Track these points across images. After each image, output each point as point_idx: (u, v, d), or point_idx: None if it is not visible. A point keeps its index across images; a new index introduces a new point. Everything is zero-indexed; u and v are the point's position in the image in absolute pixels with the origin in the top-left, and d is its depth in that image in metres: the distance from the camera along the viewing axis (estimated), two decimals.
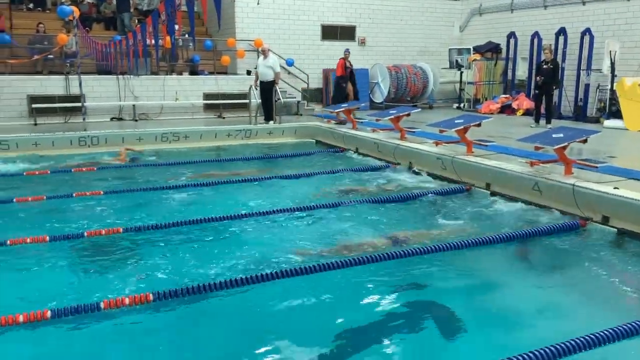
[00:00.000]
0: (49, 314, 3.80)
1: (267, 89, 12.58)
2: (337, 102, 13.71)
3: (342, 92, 14.23)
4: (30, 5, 16.11)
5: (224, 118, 14.26)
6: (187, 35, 15.29)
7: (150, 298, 4.05)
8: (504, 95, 16.24)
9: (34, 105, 12.51)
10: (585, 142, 7.03)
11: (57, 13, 13.18)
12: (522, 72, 16.51)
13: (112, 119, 13.42)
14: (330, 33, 17.30)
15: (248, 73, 15.46)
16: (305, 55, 16.75)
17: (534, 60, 15.26)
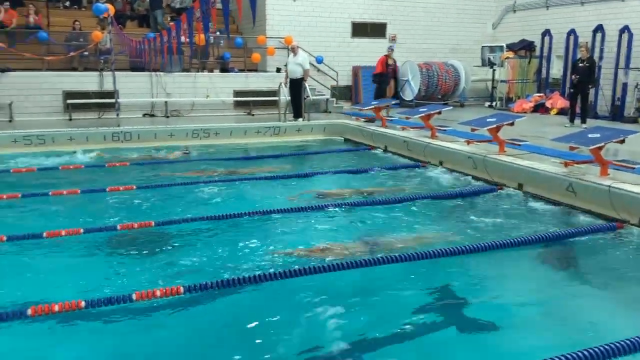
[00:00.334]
0: (83, 304, 3.89)
1: (296, 86, 12.61)
2: (378, 99, 13.41)
3: (378, 89, 14.03)
4: (67, 3, 16.54)
5: (254, 115, 14.35)
6: (218, 33, 15.47)
7: (181, 290, 4.12)
8: (538, 94, 15.92)
9: (69, 101, 12.81)
10: (623, 142, 6.82)
11: (92, 11, 13.49)
12: (556, 70, 16.17)
13: (144, 115, 13.65)
14: (361, 30, 17.23)
15: (278, 70, 15.51)
16: (335, 53, 16.71)
17: (570, 58, 14.93)
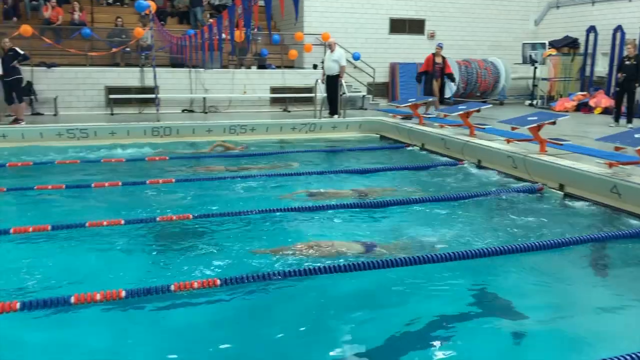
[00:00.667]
0: (124, 294, 3.98)
1: (332, 83, 12.60)
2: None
3: (424, 87, 13.50)
4: (110, 0, 16.94)
5: (290, 112, 14.41)
6: (256, 30, 15.56)
7: (218, 283, 4.17)
8: (581, 93, 15.47)
9: (111, 96, 13.14)
10: None
11: (134, 7, 13.76)
12: (601, 68, 15.67)
13: (183, 111, 13.88)
14: (399, 26, 17.08)
15: (314, 67, 15.53)
16: (373, 49, 16.59)
17: (616, 56, 14.43)
